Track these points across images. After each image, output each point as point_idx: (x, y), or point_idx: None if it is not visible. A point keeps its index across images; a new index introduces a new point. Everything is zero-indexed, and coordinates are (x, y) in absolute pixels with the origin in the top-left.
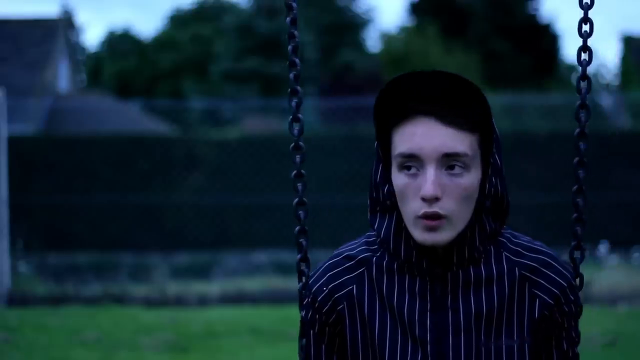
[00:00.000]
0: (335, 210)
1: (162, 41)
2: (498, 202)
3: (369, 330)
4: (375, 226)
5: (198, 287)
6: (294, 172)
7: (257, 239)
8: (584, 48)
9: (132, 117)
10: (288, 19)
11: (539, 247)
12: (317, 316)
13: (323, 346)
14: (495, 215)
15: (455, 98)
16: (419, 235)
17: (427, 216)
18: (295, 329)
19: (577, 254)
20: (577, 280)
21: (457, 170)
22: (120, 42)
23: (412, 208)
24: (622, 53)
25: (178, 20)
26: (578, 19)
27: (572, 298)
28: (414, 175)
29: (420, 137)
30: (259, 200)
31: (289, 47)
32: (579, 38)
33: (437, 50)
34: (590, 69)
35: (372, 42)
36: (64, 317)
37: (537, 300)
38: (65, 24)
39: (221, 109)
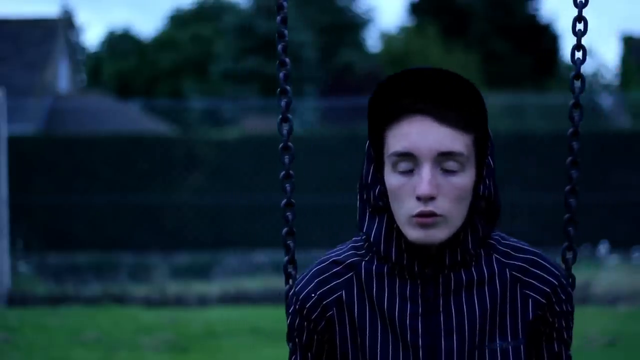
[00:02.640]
0: (335, 209)
1: (162, 41)
2: (491, 205)
3: (359, 336)
4: (365, 229)
5: (198, 287)
6: (283, 172)
7: (257, 239)
8: (578, 46)
9: (132, 117)
10: (278, 18)
11: (526, 247)
12: (305, 323)
13: (309, 354)
14: (488, 218)
15: (452, 97)
16: (414, 233)
17: (422, 214)
18: None
19: (569, 255)
20: (570, 280)
21: (452, 170)
22: (120, 42)
23: (406, 208)
24: (622, 53)
25: (178, 20)
26: (572, 18)
27: (564, 297)
28: (409, 175)
29: (416, 135)
30: (259, 200)
31: (279, 47)
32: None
33: (437, 50)
34: (590, 69)
35: (372, 42)
36: (64, 317)
37: (530, 300)
38: (65, 24)
39: (221, 109)
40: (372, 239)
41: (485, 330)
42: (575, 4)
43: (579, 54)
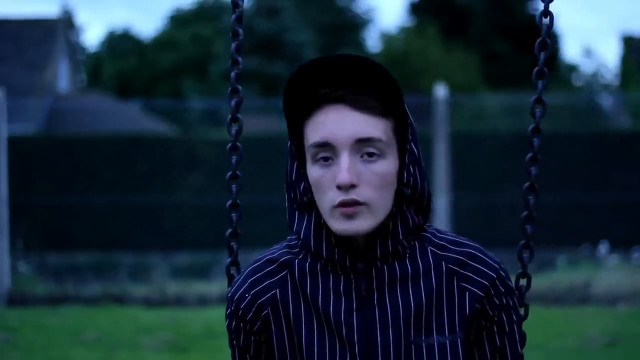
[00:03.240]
0: None
1: (162, 41)
2: (419, 194)
3: (295, 334)
4: (295, 227)
5: (198, 287)
6: (230, 173)
7: (257, 239)
8: (543, 42)
9: (132, 117)
10: (233, 16)
11: (464, 241)
12: (241, 325)
13: (248, 356)
14: (417, 207)
15: (364, 82)
16: (338, 225)
17: (344, 204)
18: None
19: (525, 254)
20: (525, 280)
21: (372, 157)
22: (120, 42)
23: (328, 198)
24: (622, 53)
25: (178, 20)
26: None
27: (503, 290)
28: (328, 166)
29: (332, 124)
30: (259, 200)
31: (233, 45)
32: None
33: (437, 50)
34: (590, 69)
35: (372, 42)
36: (64, 317)
37: (467, 293)
38: (65, 24)
39: (221, 109)
40: (302, 237)
41: (422, 324)
42: None
43: (542, 53)
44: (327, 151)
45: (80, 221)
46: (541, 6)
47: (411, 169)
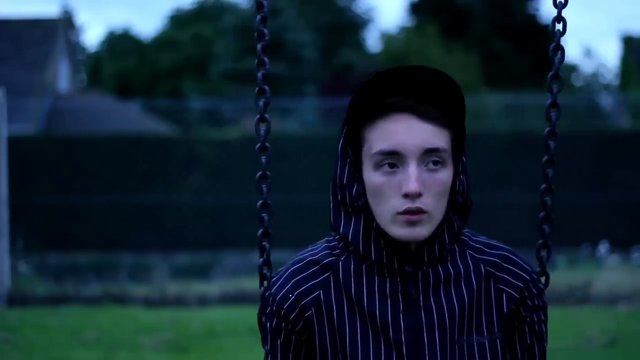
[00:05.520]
0: None
1: (162, 41)
2: (465, 200)
3: (339, 335)
4: (341, 229)
5: (198, 287)
6: (259, 173)
7: (257, 239)
8: (557, 47)
9: (132, 117)
10: (258, 17)
11: (497, 244)
12: (283, 324)
13: (290, 355)
14: (461, 213)
15: (435, 94)
16: (400, 231)
17: (409, 211)
18: None
19: (543, 253)
20: (543, 279)
21: (436, 166)
22: (120, 42)
23: (391, 205)
24: (622, 53)
25: (178, 20)
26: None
27: (535, 292)
28: (393, 173)
29: (401, 133)
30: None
31: (259, 46)
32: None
33: (437, 50)
34: (590, 69)
35: (372, 42)
36: (64, 317)
37: (504, 295)
38: (65, 24)
39: (221, 109)
40: (350, 239)
41: (464, 324)
42: (555, 5)
43: (557, 56)
44: (393, 159)
45: (80, 221)
46: (554, 11)
47: (462, 177)
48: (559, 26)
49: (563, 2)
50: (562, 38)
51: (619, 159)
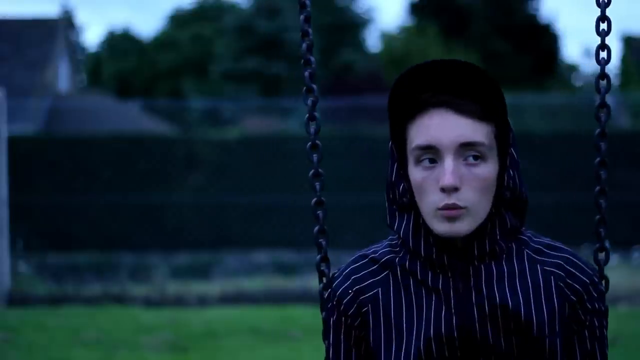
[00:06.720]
0: (336, 210)
1: (162, 41)
2: (517, 197)
3: (395, 334)
4: (395, 227)
5: (198, 287)
6: (312, 171)
7: (257, 239)
8: (602, 46)
9: (132, 117)
10: (302, 16)
11: (560, 246)
12: (342, 319)
13: (354, 350)
14: (515, 210)
15: (470, 87)
16: (439, 226)
17: (447, 207)
18: (295, 329)
19: (601, 256)
20: (603, 282)
21: (474, 160)
22: (120, 42)
23: (431, 200)
24: (622, 53)
25: (178, 20)
26: (595, 18)
27: (596, 295)
28: (432, 168)
29: (436, 128)
30: (259, 200)
31: (304, 45)
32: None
33: (437, 50)
34: (590, 69)
35: (372, 42)
36: (64, 317)
37: (563, 297)
38: (65, 24)
39: (221, 109)
40: (402, 236)
41: (521, 323)
42: (598, 4)
43: (603, 54)
44: (431, 154)
45: (80, 221)
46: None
47: (511, 172)
48: (604, 25)
49: (607, 1)
50: (606, 37)
51: (619, 159)
